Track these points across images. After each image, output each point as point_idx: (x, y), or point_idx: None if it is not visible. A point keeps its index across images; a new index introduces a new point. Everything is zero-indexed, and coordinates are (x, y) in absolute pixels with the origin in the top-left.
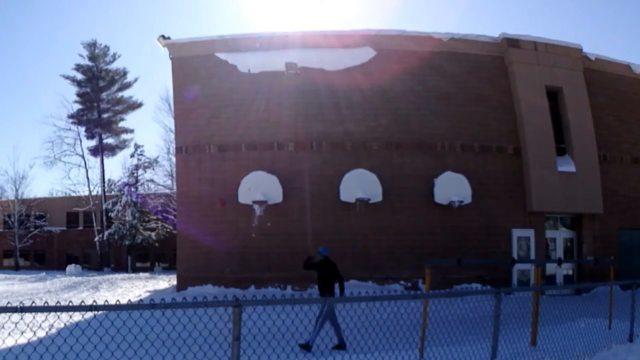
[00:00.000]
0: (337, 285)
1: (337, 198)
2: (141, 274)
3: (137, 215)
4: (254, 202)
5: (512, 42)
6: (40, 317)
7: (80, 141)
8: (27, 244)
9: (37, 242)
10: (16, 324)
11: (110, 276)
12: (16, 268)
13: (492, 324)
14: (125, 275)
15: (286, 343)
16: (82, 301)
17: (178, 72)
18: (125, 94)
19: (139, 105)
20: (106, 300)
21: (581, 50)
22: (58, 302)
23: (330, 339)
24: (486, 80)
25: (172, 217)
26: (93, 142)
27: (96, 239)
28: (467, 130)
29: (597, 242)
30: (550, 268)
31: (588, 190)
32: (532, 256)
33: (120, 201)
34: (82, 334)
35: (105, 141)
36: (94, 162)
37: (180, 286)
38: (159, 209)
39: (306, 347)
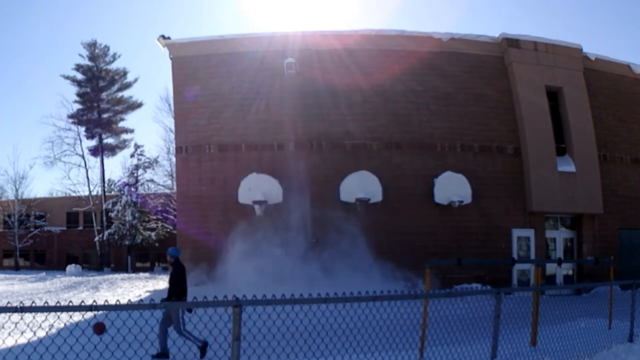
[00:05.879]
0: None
1: (337, 198)
2: (141, 274)
3: (137, 215)
4: (254, 202)
5: (512, 42)
6: (40, 317)
7: (80, 141)
8: (27, 244)
9: (37, 242)
10: (16, 324)
11: (110, 276)
12: (16, 268)
13: (492, 324)
14: (125, 275)
15: (286, 343)
16: (82, 301)
17: (178, 72)
18: (125, 94)
19: (139, 105)
20: (106, 300)
21: (581, 50)
22: (58, 302)
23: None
24: (486, 80)
25: (172, 217)
26: (93, 142)
27: (96, 239)
28: (467, 130)
29: (597, 242)
30: (550, 268)
31: (588, 190)
32: (532, 256)
33: (120, 201)
34: (82, 334)
35: (105, 141)
36: (94, 162)
37: None
38: (159, 209)
39: (162, 355)
